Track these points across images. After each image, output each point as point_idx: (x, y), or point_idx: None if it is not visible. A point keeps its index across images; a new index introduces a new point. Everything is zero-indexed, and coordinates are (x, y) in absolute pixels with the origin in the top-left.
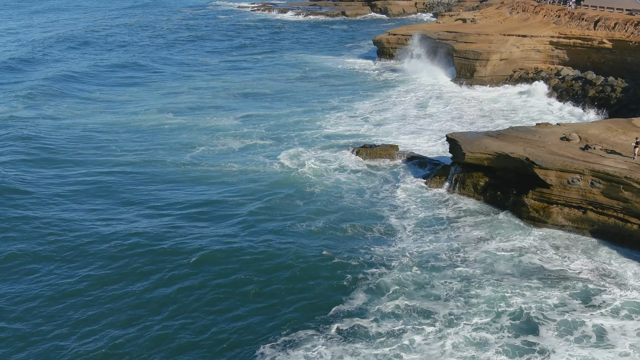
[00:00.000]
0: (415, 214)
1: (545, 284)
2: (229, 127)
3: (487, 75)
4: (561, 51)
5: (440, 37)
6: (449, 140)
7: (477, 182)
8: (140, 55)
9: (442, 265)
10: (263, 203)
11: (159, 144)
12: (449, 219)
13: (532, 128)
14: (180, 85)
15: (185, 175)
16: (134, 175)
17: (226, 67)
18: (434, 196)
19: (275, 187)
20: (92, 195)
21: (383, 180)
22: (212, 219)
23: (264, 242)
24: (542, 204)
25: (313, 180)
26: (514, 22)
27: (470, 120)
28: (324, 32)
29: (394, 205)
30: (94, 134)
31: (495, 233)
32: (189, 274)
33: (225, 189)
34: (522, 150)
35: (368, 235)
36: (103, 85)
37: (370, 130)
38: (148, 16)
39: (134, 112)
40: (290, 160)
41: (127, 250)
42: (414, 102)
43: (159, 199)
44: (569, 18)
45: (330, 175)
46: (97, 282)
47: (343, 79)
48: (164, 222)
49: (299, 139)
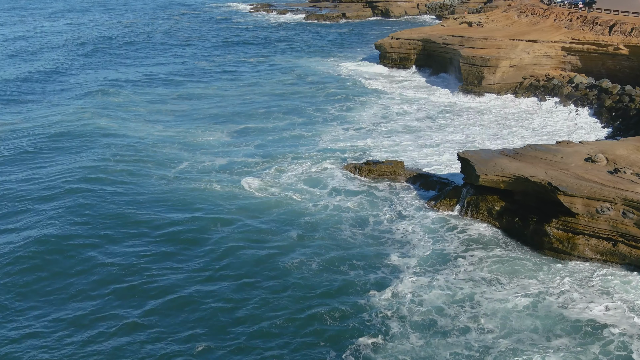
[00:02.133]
0: (421, 250)
1: (575, 342)
2: (217, 142)
3: (496, 82)
4: (574, 57)
5: (445, 41)
6: (461, 160)
7: (492, 206)
8: (127, 59)
9: (449, 327)
10: (243, 234)
11: (142, 158)
12: (458, 254)
13: (553, 147)
14: (170, 93)
15: (161, 199)
16: (108, 192)
17: (220, 71)
18: (444, 222)
19: (261, 214)
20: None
21: (387, 204)
22: (184, 255)
23: (239, 289)
24: (566, 234)
25: (306, 207)
26: (523, 26)
27: (479, 132)
28: (323, 34)
29: (398, 238)
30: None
31: (512, 270)
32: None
33: (205, 218)
34: (543, 173)
35: (364, 282)
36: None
37: (372, 144)
38: (142, 17)
39: (124, 117)
40: (279, 180)
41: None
42: (418, 113)
43: (131, 224)
44: (581, 22)
45: (327, 199)
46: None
47: (343, 86)
48: (135, 253)
49: (292, 155)
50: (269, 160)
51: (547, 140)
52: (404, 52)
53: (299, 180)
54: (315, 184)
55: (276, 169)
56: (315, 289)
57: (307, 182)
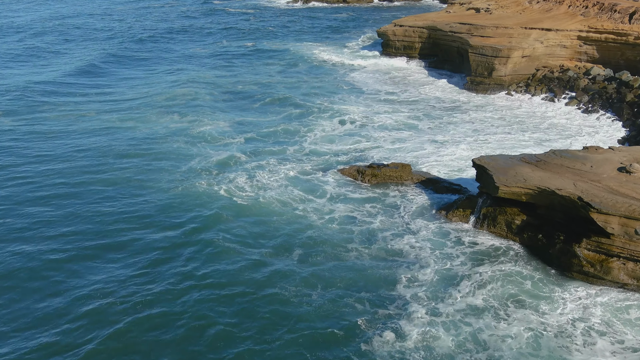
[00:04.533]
0: (432, 274)
1: None
2: (205, 134)
3: (507, 74)
4: (590, 47)
5: (452, 29)
6: (477, 167)
7: (512, 219)
8: (115, 48)
9: None
10: (232, 253)
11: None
12: (474, 278)
13: (580, 153)
14: (157, 82)
15: (136, 204)
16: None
17: (212, 59)
18: (457, 237)
19: (258, 225)
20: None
21: (394, 213)
22: (162, 269)
23: (230, 316)
24: (599, 256)
25: (309, 217)
26: (535, 13)
27: (492, 131)
28: (322, 20)
29: (407, 258)
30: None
31: (536, 295)
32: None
33: (186, 229)
34: (571, 185)
35: (369, 322)
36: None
37: (374, 143)
38: (137, 3)
39: (106, 110)
40: (268, 184)
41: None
42: (424, 107)
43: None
44: (598, 9)
45: (328, 207)
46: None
47: (343, 77)
48: (107, 268)
49: (286, 152)
50: (260, 158)
51: (565, 141)
52: (408, 40)
53: (296, 182)
54: (314, 188)
55: (269, 169)
56: (315, 328)
57: (305, 186)
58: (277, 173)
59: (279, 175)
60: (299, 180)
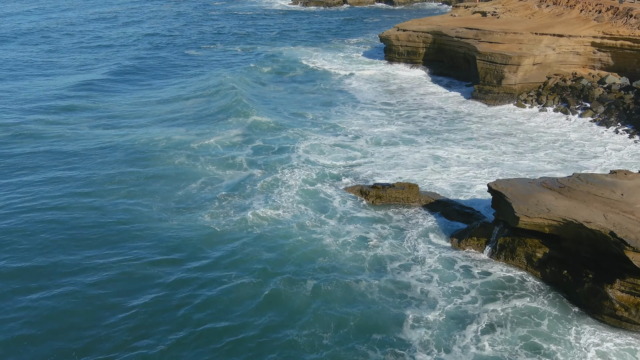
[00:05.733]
0: (442, 314)
1: None
2: (182, 142)
3: (518, 82)
4: (605, 54)
5: (458, 34)
6: (493, 193)
7: (533, 252)
8: (100, 53)
9: None
10: (231, 280)
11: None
12: (482, 316)
13: (608, 178)
14: (135, 91)
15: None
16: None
17: (206, 63)
18: (470, 269)
19: (264, 249)
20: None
21: (401, 241)
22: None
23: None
24: (635, 299)
25: (324, 243)
26: (545, 17)
27: (502, 150)
28: (322, 23)
29: (413, 292)
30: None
31: (562, 341)
32: None
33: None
34: (601, 217)
35: None
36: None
37: (375, 160)
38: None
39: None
40: (271, 203)
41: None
42: (428, 118)
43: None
44: (612, 14)
45: (332, 232)
46: None
47: (343, 85)
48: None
49: (281, 169)
50: (251, 178)
51: (585, 162)
52: (412, 45)
53: (294, 203)
54: (320, 209)
55: (261, 184)
56: None
57: (308, 207)
58: (283, 190)
59: (289, 193)
60: (305, 199)
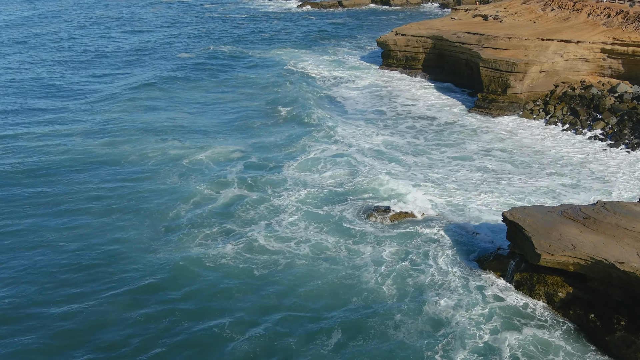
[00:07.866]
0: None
1: None
2: (193, 167)
3: (524, 91)
4: (615, 61)
5: (460, 39)
6: (508, 224)
7: (555, 292)
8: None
9: None
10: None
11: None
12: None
13: (637, 208)
14: (113, 95)
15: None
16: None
17: (197, 70)
18: (484, 302)
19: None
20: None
21: (418, 269)
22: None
23: None
24: None
25: (304, 266)
26: (551, 22)
27: (507, 170)
28: (318, 25)
29: (442, 331)
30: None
31: None
32: None
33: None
34: (634, 256)
35: None
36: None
37: (367, 177)
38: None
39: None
40: (264, 239)
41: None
42: (430, 131)
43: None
44: (622, 19)
45: (354, 263)
46: None
47: (338, 92)
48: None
49: (282, 189)
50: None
51: (602, 185)
52: (411, 51)
53: (307, 232)
54: (323, 231)
55: (265, 206)
56: None
57: (309, 229)
58: (279, 219)
59: (285, 223)
60: (320, 228)
